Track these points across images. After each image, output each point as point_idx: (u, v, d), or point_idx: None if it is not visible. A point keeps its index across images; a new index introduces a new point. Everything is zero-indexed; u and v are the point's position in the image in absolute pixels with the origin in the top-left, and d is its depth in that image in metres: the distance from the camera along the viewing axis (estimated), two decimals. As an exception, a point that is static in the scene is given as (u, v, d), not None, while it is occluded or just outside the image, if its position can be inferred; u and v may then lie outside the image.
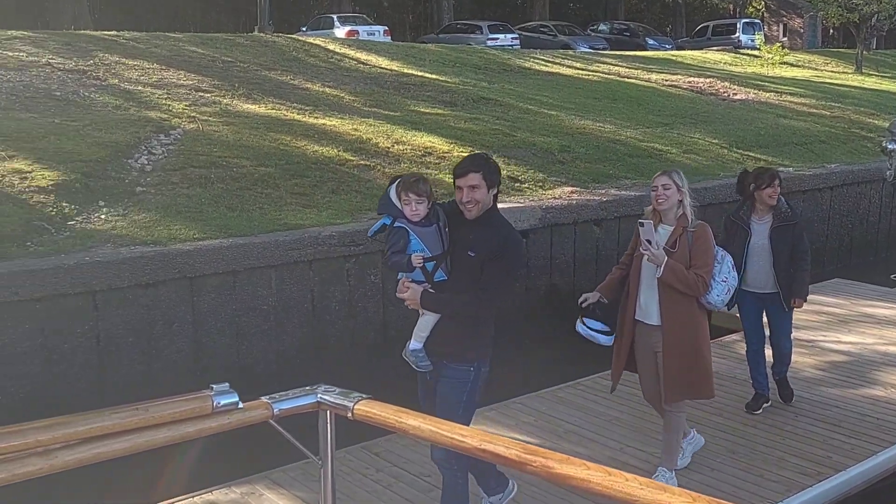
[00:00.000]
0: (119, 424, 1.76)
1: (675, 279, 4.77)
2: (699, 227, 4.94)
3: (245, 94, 11.58)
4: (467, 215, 4.10)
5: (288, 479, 5.31)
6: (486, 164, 4.14)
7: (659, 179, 4.96)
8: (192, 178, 8.35)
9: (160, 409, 1.80)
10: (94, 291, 6.37)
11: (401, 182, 4.09)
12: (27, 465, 1.68)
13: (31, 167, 7.77)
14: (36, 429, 1.70)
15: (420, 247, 4.07)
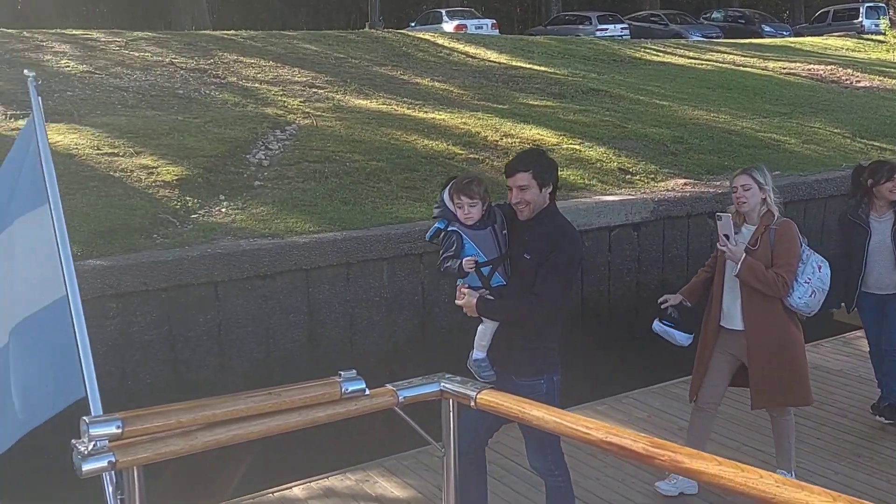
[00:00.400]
0: (254, 408, 1.82)
1: (752, 277, 4.48)
2: (783, 225, 4.63)
3: (357, 90, 11.80)
4: (519, 216, 3.92)
5: (401, 468, 5.41)
6: (537, 162, 3.91)
7: (738, 179, 4.66)
8: (306, 172, 8.58)
9: (292, 394, 1.86)
10: (216, 282, 6.62)
11: (453, 184, 3.88)
12: (170, 445, 1.76)
13: (157, 163, 8.14)
14: (178, 410, 1.78)
15: (474, 251, 3.87)
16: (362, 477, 5.29)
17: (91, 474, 1.71)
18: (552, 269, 3.84)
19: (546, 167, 3.91)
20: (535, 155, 4.03)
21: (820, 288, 4.62)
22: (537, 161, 3.91)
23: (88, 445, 1.69)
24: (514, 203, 3.88)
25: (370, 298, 7.30)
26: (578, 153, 10.22)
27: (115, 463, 1.71)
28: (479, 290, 3.92)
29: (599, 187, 9.30)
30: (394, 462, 5.46)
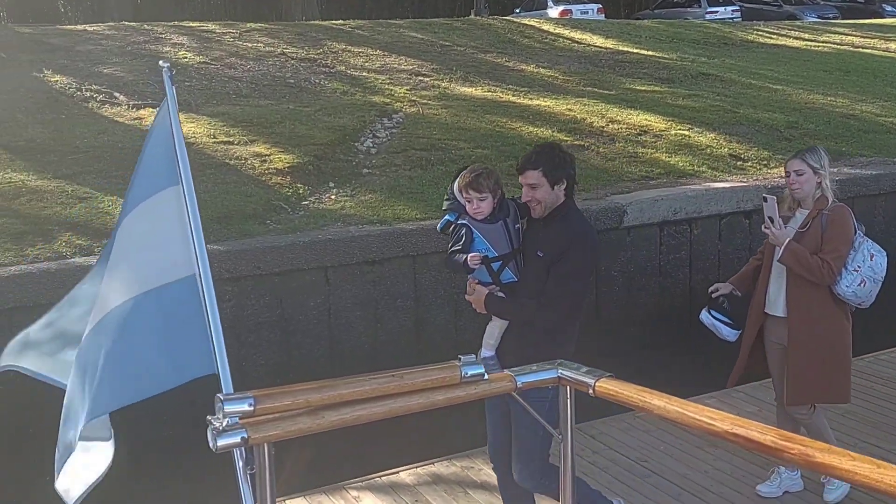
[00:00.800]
0: (378, 389, 1.87)
1: (794, 262, 4.33)
2: (835, 210, 4.44)
3: (462, 77, 11.84)
4: (532, 214, 3.80)
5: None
6: (548, 159, 3.73)
7: (791, 164, 4.51)
8: (413, 160, 8.68)
9: (414, 376, 1.91)
10: (326, 267, 6.78)
11: (461, 177, 3.75)
12: (298, 423, 1.83)
13: (270, 151, 8.39)
14: (306, 390, 1.85)
15: (484, 245, 3.72)
16: (467, 464, 5.36)
17: (224, 449, 1.80)
18: (565, 269, 3.69)
19: (558, 164, 3.73)
20: (547, 151, 3.82)
21: (871, 277, 4.39)
22: (548, 157, 3.74)
23: (223, 421, 1.77)
24: (526, 201, 3.77)
25: (477, 285, 7.33)
26: (687, 139, 9.98)
27: (247, 439, 1.79)
28: (490, 286, 3.79)
29: (709, 174, 9.07)
30: (489, 451, 5.51)
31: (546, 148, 3.86)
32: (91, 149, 8.02)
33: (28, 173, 7.43)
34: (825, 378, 4.48)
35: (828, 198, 4.44)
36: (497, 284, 3.77)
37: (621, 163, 9.22)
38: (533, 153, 3.80)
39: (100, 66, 10.50)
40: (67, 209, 6.84)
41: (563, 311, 3.74)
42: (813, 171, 4.40)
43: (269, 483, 1.89)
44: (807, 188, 4.42)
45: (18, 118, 8.61)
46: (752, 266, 4.81)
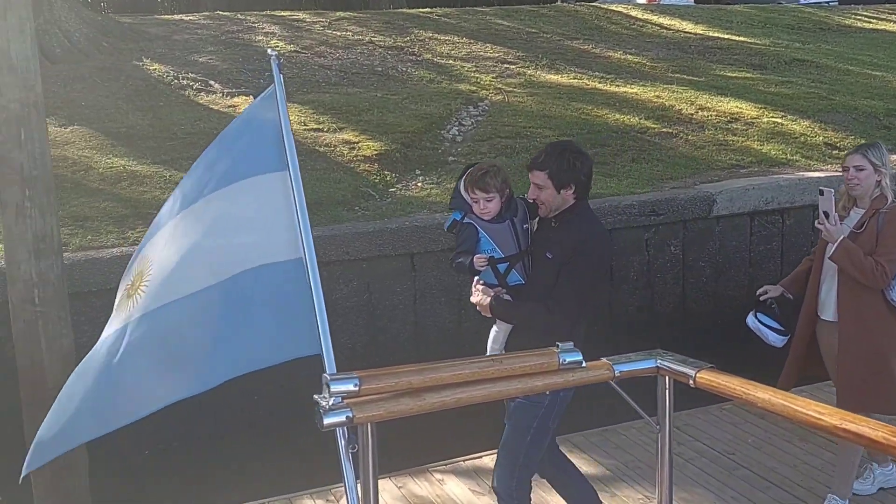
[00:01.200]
0: (478, 373, 1.92)
1: (847, 261, 4.09)
2: (893, 209, 4.19)
3: (548, 65, 11.77)
4: (539, 212, 3.65)
5: (587, 443, 5.47)
6: (556, 161, 3.52)
7: (851, 159, 4.26)
8: (498, 147, 8.69)
9: (513, 362, 1.94)
10: (413, 253, 6.88)
11: (467, 176, 3.57)
12: (400, 404, 1.89)
13: (358, 138, 8.52)
14: (408, 372, 1.91)
15: (490, 246, 3.56)
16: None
17: (330, 427, 1.86)
18: (574, 273, 3.52)
19: (567, 167, 3.52)
20: (558, 152, 3.58)
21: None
22: (557, 159, 3.53)
23: (329, 401, 1.83)
24: (532, 199, 3.62)
25: (560, 274, 7.32)
26: (780, 127, 9.72)
27: (352, 418, 1.85)
28: (496, 289, 3.63)
29: (803, 162, 8.83)
30: (581, 438, 5.53)
31: (557, 148, 3.63)
32: (187, 135, 8.29)
33: (128, 159, 7.73)
34: (874, 387, 4.26)
35: (887, 197, 4.22)
36: (503, 287, 3.62)
37: (710, 151, 9.04)
38: (543, 152, 3.62)
39: (195, 54, 10.82)
40: (165, 193, 7.09)
41: (572, 316, 3.54)
42: (873, 167, 4.18)
43: (372, 462, 1.95)
44: (865, 185, 4.19)
45: (119, 105, 8.96)
46: (804, 267, 4.60)
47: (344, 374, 1.90)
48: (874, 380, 4.24)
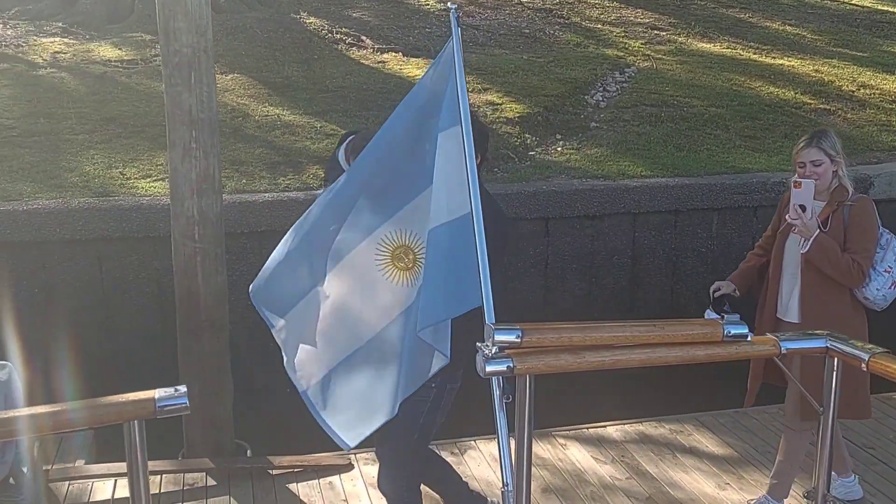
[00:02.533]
0: (638, 337, 1.94)
1: (824, 259, 3.77)
2: (859, 202, 3.88)
3: (700, 33, 11.40)
4: None
5: (717, 424, 5.41)
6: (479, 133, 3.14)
7: (806, 154, 3.89)
8: (642, 115, 8.55)
9: (674, 329, 1.94)
10: (548, 218, 6.91)
11: (350, 144, 3.22)
12: (560, 360, 1.93)
13: (502, 100, 8.57)
14: (569, 329, 1.95)
15: None
16: (677, 427, 5.36)
17: (491, 375, 1.91)
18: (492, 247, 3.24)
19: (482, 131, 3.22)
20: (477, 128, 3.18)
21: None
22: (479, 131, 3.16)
23: (492, 349, 1.87)
24: None
25: (696, 248, 7.20)
26: (951, 110, 9.10)
27: (512, 368, 1.87)
28: None
29: (973, 150, 8.25)
30: (710, 418, 5.48)
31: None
32: (338, 89, 8.57)
33: (283, 108, 8.08)
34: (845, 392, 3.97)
35: (847, 188, 3.91)
36: None
37: (871, 131, 8.59)
38: None
39: (350, 10, 11.10)
40: (315, 144, 7.40)
41: None
42: (830, 159, 3.87)
43: (528, 413, 1.99)
44: (824, 180, 3.88)
45: (277, 56, 9.33)
46: (752, 263, 4.26)
47: (508, 325, 1.93)
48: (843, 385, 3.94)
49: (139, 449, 1.72)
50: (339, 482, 4.70)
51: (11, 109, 7.58)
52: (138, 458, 1.74)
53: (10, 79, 8.28)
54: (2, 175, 6.39)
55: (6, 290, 5.87)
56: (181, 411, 1.74)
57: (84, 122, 7.42)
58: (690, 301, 7.25)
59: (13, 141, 7.01)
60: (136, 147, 7.05)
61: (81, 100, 7.91)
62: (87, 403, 1.68)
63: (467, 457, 4.98)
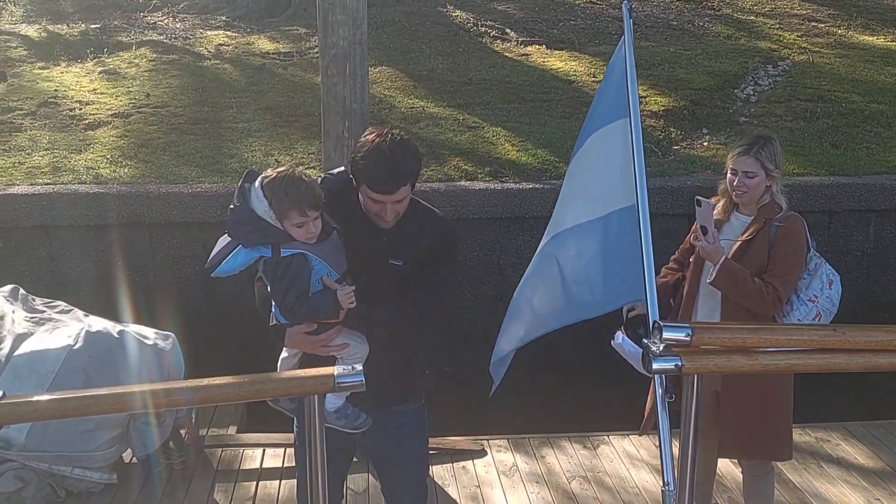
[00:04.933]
0: (816, 342, 1.83)
1: (732, 286, 3.37)
2: (788, 221, 3.47)
3: (863, 25, 10.81)
4: (382, 225, 2.85)
5: (867, 434, 5.19)
6: (416, 163, 2.83)
7: (741, 162, 3.47)
8: (796, 111, 8.22)
9: (857, 334, 1.82)
10: (690, 214, 6.69)
11: (285, 195, 2.62)
12: (732, 361, 1.85)
13: (647, 93, 8.44)
14: (742, 329, 1.87)
15: (327, 270, 2.72)
16: (822, 436, 5.18)
17: (658, 373, 1.87)
18: (448, 272, 2.97)
19: (419, 158, 2.88)
20: (410, 153, 2.79)
21: (828, 310, 3.45)
22: (413, 158, 2.80)
23: (660, 346, 1.81)
24: (387, 219, 2.80)
25: (851, 251, 6.88)
26: None
27: (680, 367, 1.79)
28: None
29: None
30: (860, 428, 5.25)
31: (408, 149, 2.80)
32: (481, 81, 8.68)
33: (427, 100, 8.26)
34: (764, 430, 3.58)
35: (780, 204, 3.52)
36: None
37: None
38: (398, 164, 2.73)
39: (495, 2, 11.19)
40: (458, 136, 7.53)
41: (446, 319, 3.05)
42: (766, 173, 3.47)
43: (694, 413, 1.92)
44: (753, 194, 3.50)
45: (423, 49, 9.54)
46: (666, 279, 3.81)
47: (678, 323, 1.88)
48: (763, 422, 3.58)
49: (317, 420, 1.85)
50: (473, 467, 4.81)
51: (180, 98, 8.11)
52: (316, 429, 1.86)
53: (178, 69, 8.85)
54: (169, 159, 6.86)
55: (170, 267, 6.32)
56: (357, 388, 1.84)
57: (244, 111, 7.85)
58: (843, 307, 6.92)
59: (180, 128, 7.50)
60: (290, 136, 7.40)
61: (241, 90, 8.36)
62: (272, 377, 1.82)
63: (600, 452, 4.98)
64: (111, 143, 7.17)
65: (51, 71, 8.88)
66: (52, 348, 4.36)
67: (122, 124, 7.55)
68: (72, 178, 6.46)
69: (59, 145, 7.12)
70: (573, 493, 4.53)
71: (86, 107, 7.91)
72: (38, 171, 6.59)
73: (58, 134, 7.36)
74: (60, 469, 4.32)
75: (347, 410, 2.91)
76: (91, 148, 7.08)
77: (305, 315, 2.72)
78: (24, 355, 4.33)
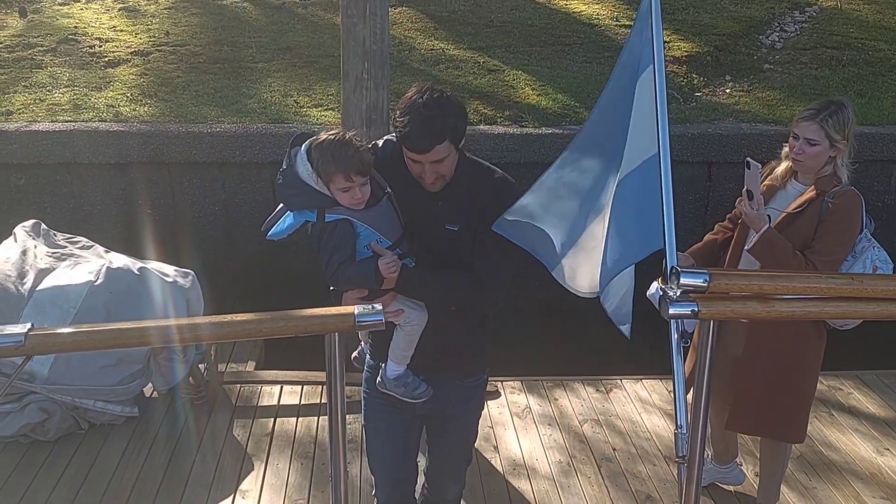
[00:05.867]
0: (833, 290, 1.82)
1: (769, 256, 3.17)
2: (843, 197, 3.22)
3: (895, -30, 10.55)
4: (428, 188, 2.69)
5: (880, 384, 5.23)
6: (452, 118, 2.58)
7: (804, 128, 3.24)
8: (822, 58, 8.09)
9: (874, 283, 1.80)
10: (710, 162, 6.73)
11: (332, 158, 2.54)
12: (748, 307, 1.84)
13: (669, 38, 8.31)
14: (759, 276, 1.88)
15: (374, 236, 2.64)
16: (835, 384, 5.23)
17: (674, 318, 1.86)
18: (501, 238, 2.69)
19: (461, 116, 2.64)
20: (449, 110, 2.58)
21: None
22: (452, 116, 2.58)
23: (677, 291, 1.80)
24: (427, 181, 2.64)
25: (872, 202, 6.81)
26: None
27: (697, 312, 1.79)
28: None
29: None
30: (873, 377, 5.29)
31: (444, 104, 2.58)
32: (503, 24, 8.58)
33: (447, 42, 8.18)
34: (778, 409, 3.47)
35: (840, 178, 3.28)
36: None
37: None
38: (431, 120, 2.54)
39: (517, -58, 10.97)
40: (478, 79, 7.48)
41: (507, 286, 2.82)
42: (830, 142, 3.24)
43: (709, 359, 1.91)
44: (813, 163, 3.28)
45: (444, -10, 9.42)
46: (715, 237, 3.69)
47: (695, 269, 1.86)
48: (778, 401, 3.47)
49: (337, 358, 1.87)
50: (486, 408, 4.89)
51: (199, 37, 8.07)
52: (336, 367, 1.88)
53: (198, 7, 8.79)
54: (189, 99, 6.86)
55: (190, 205, 6.37)
56: (377, 327, 1.85)
57: (263, 51, 7.81)
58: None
59: (200, 67, 7.48)
60: (309, 77, 7.37)
61: (261, 29, 8.30)
62: (293, 314, 1.84)
63: (612, 395, 5.05)
64: (131, 82, 7.17)
65: (71, 7, 8.85)
66: (74, 284, 4.43)
67: (142, 62, 7.54)
68: (92, 115, 6.49)
69: (79, 82, 7.13)
70: (585, 435, 4.60)
71: (105, 44, 7.89)
72: (59, 108, 6.62)
73: (78, 71, 7.37)
74: (83, 402, 4.44)
75: (407, 379, 2.87)
76: (111, 86, 7.09)
77: (347, 282, 2.65)
78: (46, 290, 4.41)
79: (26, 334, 1.74)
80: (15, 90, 6.94)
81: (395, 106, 2.63)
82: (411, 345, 2.81)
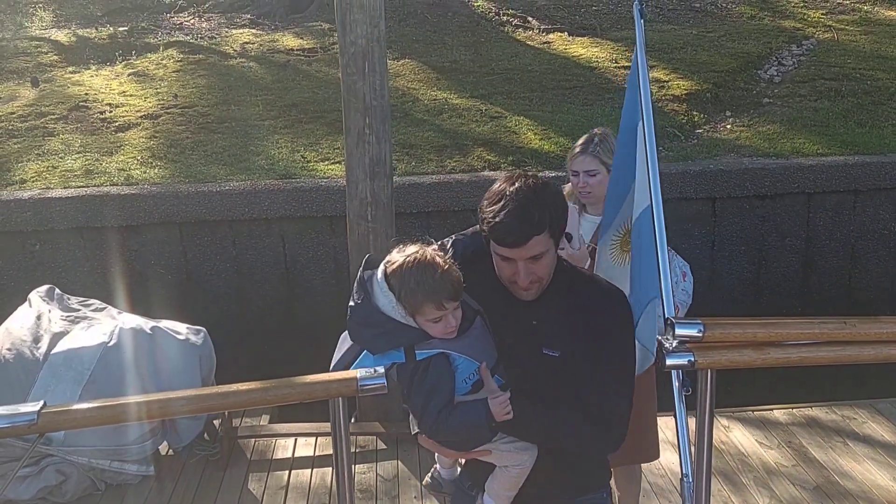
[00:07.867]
0: (827, 335, 1.85)
1: None
2: None
3: (890, 0, 10.68)
4: (521, 297, 2.28)
5: (894, 412, 5.19)
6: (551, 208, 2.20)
7: (580, 163, 3.38)
8: (821, 90, 8.17)
9: (868, 326, 1.84)
10: (715, 198, 6.77)
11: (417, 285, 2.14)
12: (744, 356, 1.89)
13: (668, 77, 8.43)
14: (753, 324, 1.87)
15: (473, 367, 2.22)
16: (849, 413, 5.19)
17: (672, 368, 1.88)
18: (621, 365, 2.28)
19: (561, 207, 2.26)
20: (547, 198, 2.21)
21: (684, 302, 3.34)
22: (551, 205, 2.21)
23: (673, 342, 1.84)
24: (522, 285, 2.23)
25: (877, 231, 6.84)
26: None
27: (693, 363, 1.83)
28: None
29: None
30: (888, 406, 5.26)
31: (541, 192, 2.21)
32: (504, 71, 8.72)
33: (450, 92, 8.33)
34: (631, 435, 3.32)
35: None
36: None
37: None
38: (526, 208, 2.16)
39: (516, -9, 11.21)
40: (481, 126, 7.60)
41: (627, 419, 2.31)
42: (606, 168, 3.35)
43: (709, 407, 1.95)
44: (599, 192, 3.37)
45: (445, 40, 9.60)
46: None
47: (690, 319, 1.86)
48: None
49: (342, 420, 1.94)
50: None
51: (206, 97, 8.26)
52: (341, 429, 1.95)
53: (205, 69, 9.00)
54: (198, 159, 7.01)
55: (201, 263, 6.47)
56: (379, 391, 1.89)
57: (270, 109, 7.98)
58: (870, 288, 6.92)
59: (208, 127, 7.65)
60: (315, 132, 7.52)
61: (267, 87, 8.49)
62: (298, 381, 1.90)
63: (626, 435, 5.03)
64: (141, 145, 7.33)
65: (81, 75, 9.08)
66: (88, 346, 4.51)
67: (152, 125, 7.72)
68: (104, 180, 6.64)
69: (90, 148, 7.30)
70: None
71: (116, 109, 8.09)
72: (71, 174, 6.77)
73: (89, 137, 7.54)
74: (99, 462, 4.49)
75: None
76: (122, 150, 7.26)
77: (450, 432, 2.21)
78: (61, 353, 4.49)
79: (39, 412, 1.78)
80: (28, 158, 7.11)
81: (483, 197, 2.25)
82: (516, 486, 2.37)
